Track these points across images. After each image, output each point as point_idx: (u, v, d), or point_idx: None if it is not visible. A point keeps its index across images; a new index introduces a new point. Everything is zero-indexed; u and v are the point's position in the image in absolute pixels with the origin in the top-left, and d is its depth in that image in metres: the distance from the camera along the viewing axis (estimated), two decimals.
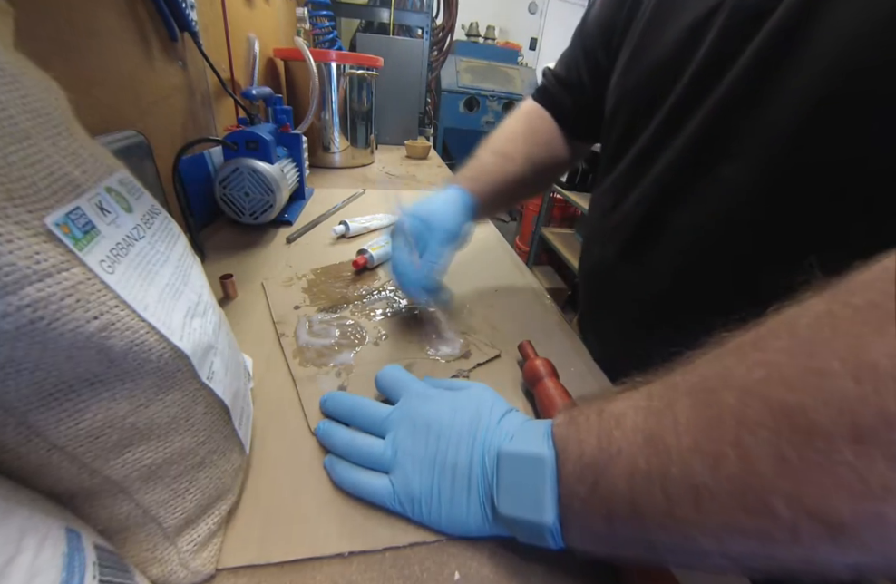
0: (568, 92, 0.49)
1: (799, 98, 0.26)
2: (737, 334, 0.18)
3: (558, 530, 0.21)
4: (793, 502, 0.14)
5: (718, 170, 0.31)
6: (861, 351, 0.14)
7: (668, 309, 0.38)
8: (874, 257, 0.16)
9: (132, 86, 0.50)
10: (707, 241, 0.33)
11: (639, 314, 0.41)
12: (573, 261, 1.80)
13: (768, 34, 0.27)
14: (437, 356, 0.41)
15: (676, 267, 0.36)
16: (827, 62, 0.25)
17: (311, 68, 0.81)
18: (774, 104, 0.27)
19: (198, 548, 0.22)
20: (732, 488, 0.15)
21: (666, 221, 0.36)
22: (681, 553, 0.18)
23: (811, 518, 0.14)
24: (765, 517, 0.15)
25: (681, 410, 0.18)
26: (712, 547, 0.17)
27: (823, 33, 0.25)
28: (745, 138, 0.29)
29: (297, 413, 0.33)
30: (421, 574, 0.24)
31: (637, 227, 0.39)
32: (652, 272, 0.38)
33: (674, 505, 0.17)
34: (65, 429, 0.16)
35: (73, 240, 0.15)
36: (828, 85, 0.25)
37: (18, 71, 0.15)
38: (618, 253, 0.42)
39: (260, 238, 0.63)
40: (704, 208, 0.33)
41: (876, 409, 0.13)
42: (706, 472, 0.16)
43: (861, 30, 0.23)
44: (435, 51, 2.09)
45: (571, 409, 0.24)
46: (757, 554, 0.16)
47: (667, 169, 0.35)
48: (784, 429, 0.14)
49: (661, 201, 0.36)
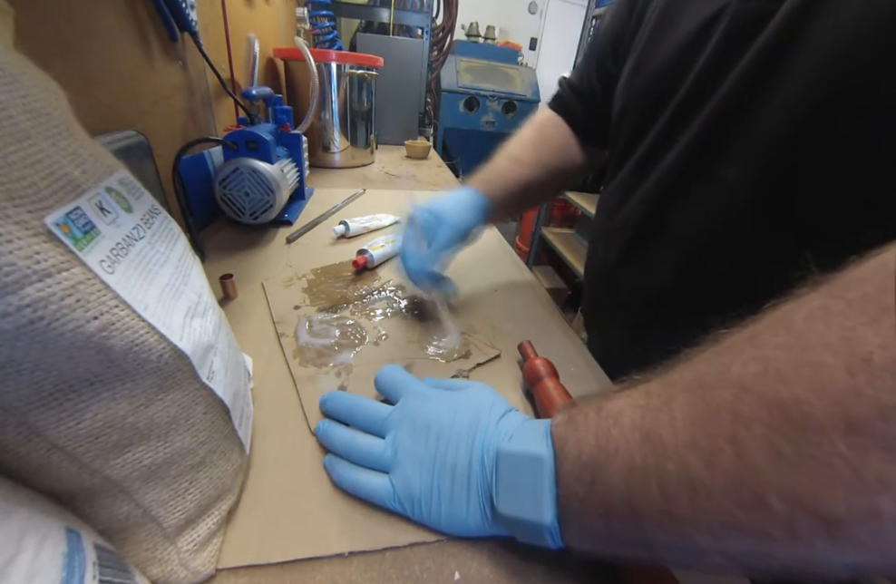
0: (580, 100, 0.50)
1: (795, 101, 0.26)
2: (734, 331, 0.18)
3: (557, 530, 0.21)
4: (788, 497, 0.14)
5: (718, 171, 0.32)
6: (855, 343, 0.14)
7: (669, 310, 0.39)
8: (869, 251, 0.16)
9: (132, 86, 0.50)
10: (708, 241, 0.34)
11: (641, 314, 0.42)
12: (573, 261, 1.80)
13: (767, 38, 0.28)
14: (437, 352, 0.41)
15: (676, 268, 0.37)
16: (823, 65, 0.25)
17: (311, 68, 0.81)
18: (772, 107, 0.28)
19: (198, 548, 0.22)
20: (727, 483, 0.15)
21: (666, 222, 0.37)
22: (679, 552, 0.18)
23: (806, 513, 0.14)
24: (761, 512, 0.15)
25: (678, 407, 0.18)
26: (709, 545, 0.17)
27: (820, 36, 0.25)
28: (744, 140, 0.30)
29: (297, 413, 0.33)
30: (421, 574, 0.24)
31: (639, 228, 0.39)
32: (653, 273, 0.39)
33: (670, 502, 0.17)
34: (65, 429, 0.16)
35: (73, 240, 0.15)
36: (824, 88, 0.25)
37: (18, 71, 0.15)
38: (620, 254, 0.43)
39: (260, 238, 0.63)
40: (704, 208, 0.34)
41: (870, 401, 0.13)
42: (702, 467, 0.16)
43: (858, 32, 0.23)
44: (435, 51, 2.09)
45: (571, 408, 0.24)
46: (755, 552, 0.16)
47: (669, 171, 0.36)
48: (778, 423, 0.14)
49: (662, 203, 0.37)
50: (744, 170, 0.30)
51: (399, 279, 0.54)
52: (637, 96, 0.40)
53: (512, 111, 2.53)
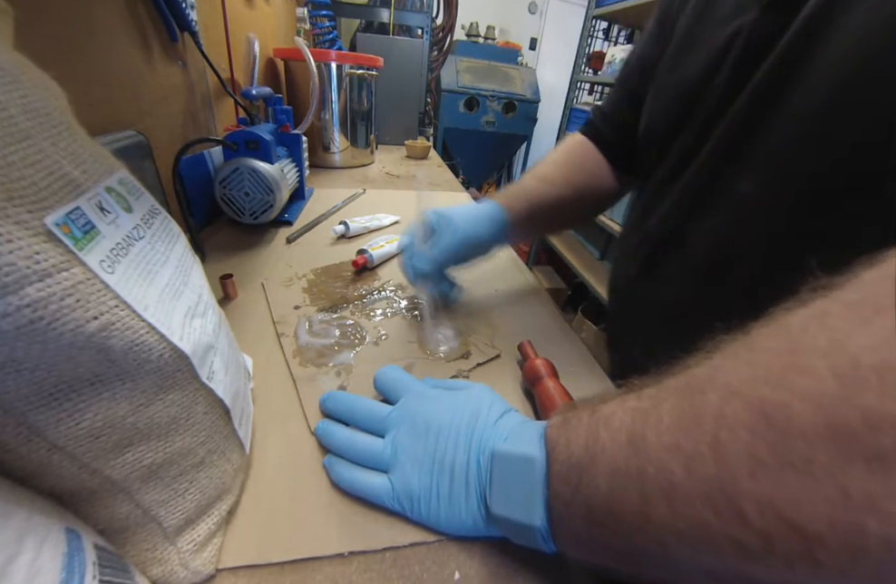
0: (611, 126, 0.50)
1: (807, 115, 0.27)
2: (734, 336, 0.18)
3: (548, 533, 0.21)
4: (766, 507, 0.13)
5: (735, 185, 0.32)
6: (844, 346, 0.13)
7: (687, 324, 0.39)
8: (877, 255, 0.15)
9: (132, 86, 0.50)
10: (724, 255, 0.34)
11: (658, 329, 0.42)
12: (573, 261, 1.80)
13: (779, 52, 0.28)
14: (437, 353, 0.41)
15: (693, 282, 0.37)
16: (834, 78, 0.25)
17: (311, 68, 0.81)
18: (785, 120, 0.28)
19: (198, 548, 0.22)
20: (705, 489, 0.15)
21: (684, 237, 0.37)
22: (658, 565, 0.18)
23: (784, 526, 0.13)
24: (736, 522, 0.14)
25: (666, 410, 0.17)
26: (687, 557, 0.16)
27: (832, 50, 0.25)
28: (759, 153, 0.30)
29: (297, 413, 0.33)
30: (421, 574, 0.24)
31: (658, 242, 0.40)
32: (670, 287, 0.39)
33: (649, 506, 0.16)
34: (65, 429, 0.16)
35: (73, 240, 0.15)
36: (835, 101, 0.25)
37: (18, 71, 0.15)
38: (639, 268, 0.43)
39: (260, 238, 0.63)
40: (721, 221, 0.34)
41: (855, 406, 0.12)
42: (681, 471, 0.16)
43: (868, 45, 0.24)
44: (435, 51, 2.09)
45: (567, 411, 0.24)
46: (734, 571, 0.15)
47: (688, 186, 0.36)
48: (760, 427, 0.14)
49: (681, 217, 0.37)
50: (759, 184, 0.30)
51: (399, 279, 0.54)
52: (660, 116, 0.40)
53: (512, 111, 2.53)
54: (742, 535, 0.14)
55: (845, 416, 0.12)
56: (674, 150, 0.38)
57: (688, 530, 0.15)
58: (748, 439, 0.14)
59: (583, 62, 1.95)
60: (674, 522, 0.16)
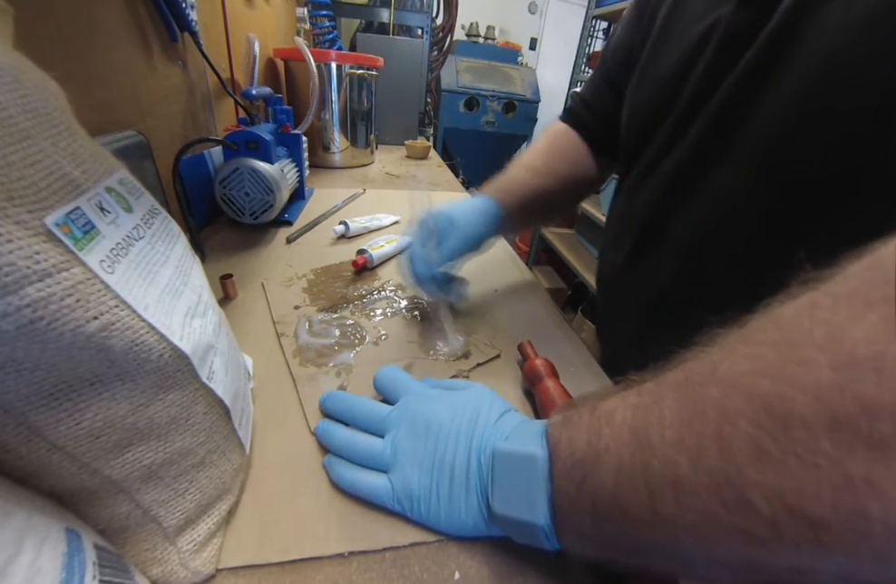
0: (591, 113, 0.51)
1: (783, 108, 0.27)
2: (729, 330, 0.18)
3: (551, 531, 0.21)
4: (773, 496, 0.14)
5: (713, 176, 0.33)
6: (839, 338, 0.14)
7: (671, 312, 0.39)
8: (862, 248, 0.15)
9: (132, 86, 0.50)
10: (705, 244, 0.35)
11: (644, 318, 0.42)
12: (573, 261, 1.80)
13: (757, 48, 0.29)
14: (438, 356, 0.41)
15: (676, 271, 0.37)
16: (811, 74, 0.26)
17: (311, 68, 0.81)
18: (763, 113, 0.29)
19: (198, 548, 0.22)
20: (711, 481, 0.15)
21: (667, 226, 0.38)
22: (667, 557, 0.18)
23: (791, 513, 0.14)
24: (744, 512, 0.14)
25: (667, 405, 0.18)
26: (695, 548, 0.17)
27: (808, 46, 0.26)
28: (738, 146, 0.31)
29: (297, 413, 0.33)
30: (421, 574, 0.24)
31: (641, 232, 0.40)
32: (654, 276, 0.40)
33: (657, 501, 0.17)
34: (65, 429, 0.16)
35: (73, 240, 0.15)
36: (812, 95, 0.26)
37: (18, 71, 0.15)
38: (624, 258, 0.43)
39: (260, 238, 0.63)
40: (701, 212, 0.35)
41: (853, 396, 0.13)
42: (687, 465, 0.16)
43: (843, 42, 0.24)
44: (435, 51, 2.09)
45: (567, 409, 0.24)
46: (744, 558, 0.15)
47: (668, 176, 0.37)
48: (763, 420, 0.14)
49: (662, 207, 0.38)
50: (737, 175, 0.31)
51: (399, 279, 0.54)
52: (641, 108, 0.41)
53: (512, 111, 2.53)
54: (750, 524, 0.14)
55: (845, 406, 0.13)
56: (655, 141, 0.39)
57: (696, 521, 0.16)
58: (751, 431, 0.14)
59: (583, 62, 1.96)
60: (681, 514, 0.16)
